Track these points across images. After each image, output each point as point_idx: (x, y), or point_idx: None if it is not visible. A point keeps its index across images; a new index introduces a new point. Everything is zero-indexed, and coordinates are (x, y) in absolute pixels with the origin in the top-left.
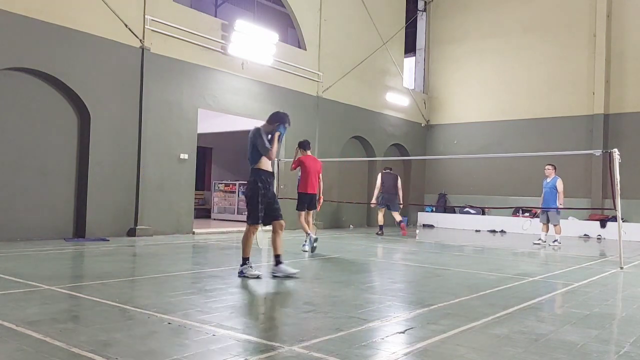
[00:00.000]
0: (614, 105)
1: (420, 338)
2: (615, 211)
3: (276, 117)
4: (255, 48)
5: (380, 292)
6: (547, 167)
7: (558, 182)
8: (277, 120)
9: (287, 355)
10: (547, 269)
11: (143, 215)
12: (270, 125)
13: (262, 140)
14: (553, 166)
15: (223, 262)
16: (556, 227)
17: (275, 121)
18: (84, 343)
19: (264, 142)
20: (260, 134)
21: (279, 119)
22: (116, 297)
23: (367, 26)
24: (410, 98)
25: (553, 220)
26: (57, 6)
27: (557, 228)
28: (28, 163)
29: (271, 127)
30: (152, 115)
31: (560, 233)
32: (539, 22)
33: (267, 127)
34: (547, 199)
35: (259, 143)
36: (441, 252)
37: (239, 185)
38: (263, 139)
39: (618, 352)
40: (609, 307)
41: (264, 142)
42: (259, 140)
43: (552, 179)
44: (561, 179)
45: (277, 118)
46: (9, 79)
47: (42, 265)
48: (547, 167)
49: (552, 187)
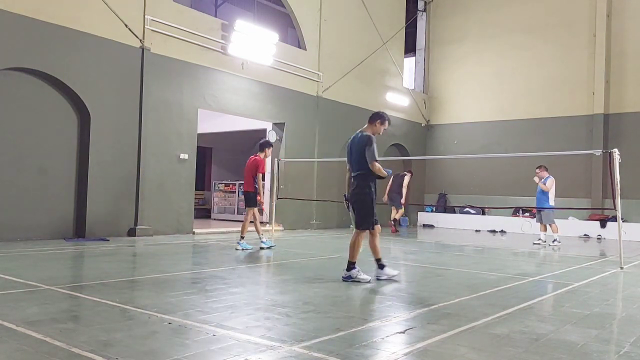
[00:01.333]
0: (614, 105)
1: (420, 338)
2: (615, 211)
3: (377, 116)
4: (255, 48)
5: (380, 292)
6: (536, 170)
7: (549, 180)
8: (378, 119)
9: (287, 355)
10: (547, 269)
11: (143, 215)
12: (373, 126)
13: (374, 149)
14: (543, 167)
15: (223, 262)
16: (552, 226)
17: (377, 119)
18: (84, 343)
19: (374, 151)
20: (372, 142)
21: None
22: (116, 297)
23: (367, 26)
24: (410, 98)
25: (546, 220)
26: (57, 6)
27: (554, 227)
28: (28, 163)
29: (374, 127)
30: (152, 115)
31: (557, 232)
32: (539, 22)
33: (371, 128)
34: (538, 199)
35: (370, 151)
36: (441, 252)
37: (239, 185)
38: (374, 147)
39: (618, 352)
40: (609, 307)
41: (374, 151)
42: (370, 149)
43: (545, 179)
44: (552, 178)
45: (378, 117)
46: (9, 79)
47: (42, 265)
48: (536, 170)
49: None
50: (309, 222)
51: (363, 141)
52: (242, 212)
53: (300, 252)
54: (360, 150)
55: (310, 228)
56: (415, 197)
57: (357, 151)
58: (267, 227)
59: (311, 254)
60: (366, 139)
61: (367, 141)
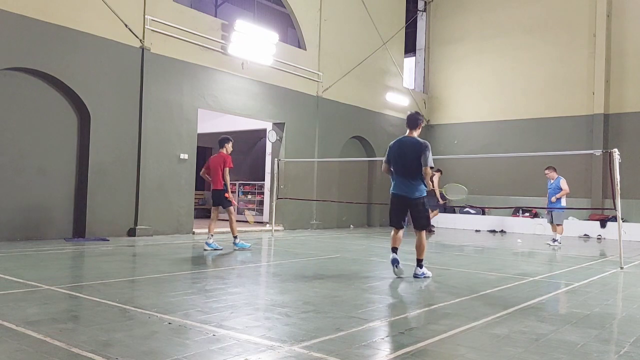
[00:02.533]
0: (614, 105)
1: (420, 338)
2: (615, 211)
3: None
4: (255, 48)
5: (380, 292)
6: (546, 171)
7: (562, 181)
8: (420, 121)
9: (287, 355)
10: (547, 268)
11: (143, 215)
12: (418, 130)
13: (430, 155)
14: (552, 168)
15: (223, 262)
16: (559, 227)
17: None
18: (84, 343)
19: (430, 158)
20: (430, 149)
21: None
22: (116, 297)
23: (367, 26)
24: (410, 98)
25: (557, 219)
26: (57, 6)
27: (560, 228)
28: (28, 163)
29: (418, 131)
30: (152, 115)
31: (561, 233)
32: (539, 22)
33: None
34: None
35: (429, 157)
36: (441, 252)
37: (239, 185)
38: (430, 154)
39: (618, 352)
40: (609, 307)
41: (430, 158)
42: (429, 154)
43: (556, 180)
44: (564, 178)
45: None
46: (9, 79)
47: (42, 265)
48: (546, 171)
49: (557, 188)
50: (309, 222)
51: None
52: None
53: (300, 252)
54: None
55: (310, 228)
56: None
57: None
58: (267, 227)
59: (311, 254)
60: (425, 145)
61: (426, 147)
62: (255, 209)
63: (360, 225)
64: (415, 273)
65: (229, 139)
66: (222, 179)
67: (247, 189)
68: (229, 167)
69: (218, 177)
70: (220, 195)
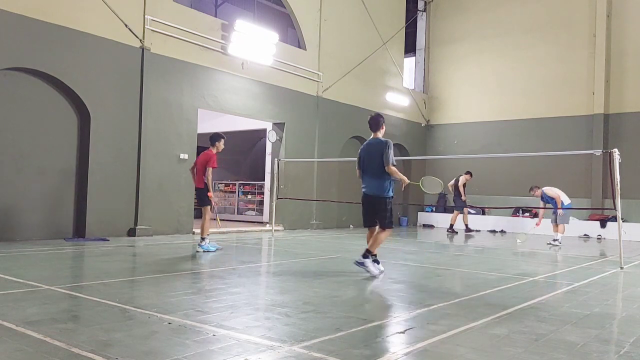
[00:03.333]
0: (614, 105)
1: (420, 338)
2: (615, 211)
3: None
4: (255, 48)
5: (380, 292)
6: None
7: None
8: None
9: (287, 355)
10: (547, 269)
11: (143, 215)
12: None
13: (392, 153)
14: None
15: (223, 262)
16: (560, 226)
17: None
18: (84, 343)
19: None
20: (391, 147)
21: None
22: (116, 297)
23: (367, 26)
24: (410, 98)
25: (560, 219)
26: (57, 6)
27: (562, 227)
28: (28, 163)
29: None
30: (152, 115)
31: (563, 233)
32: (539, 22)
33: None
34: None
35: (389, 155)
36: (441, 252)
37: (239, 185)
38: (391, 152)
39: (618, 352)
40: (609, 307)
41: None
42: (391, 153)
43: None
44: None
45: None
46: (9, 79)
47: (42, 265)
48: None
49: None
50: (309, 222)
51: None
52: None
53: (300, 252)
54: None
55: (310, 228)
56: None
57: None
58: (267, 227)
59: (311, 254)
60: (386, 143)
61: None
62: (255, 209)
63: (360, 225)
64: (357, 260)
65: (221, 137)
66: (203, 177)
67: (247, 189)
68: (212, 167)
69: (200, 175)
70: (202, 195)
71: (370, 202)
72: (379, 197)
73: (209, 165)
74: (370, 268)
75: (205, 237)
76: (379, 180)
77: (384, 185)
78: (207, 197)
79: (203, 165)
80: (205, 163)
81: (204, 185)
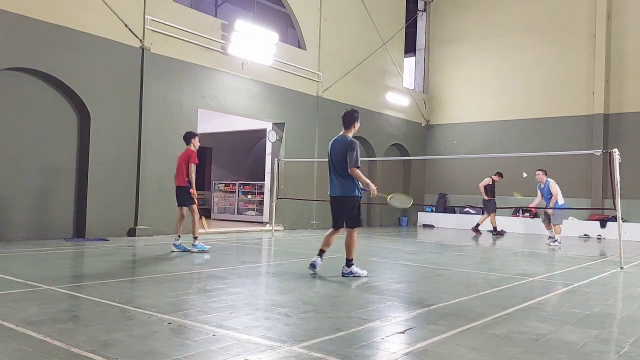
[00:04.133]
0: (614, 105)
1: (420, 338)
2: (615, 211)
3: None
4: (255, 48)
5: (380, 292)
6: (538, 172)
7: (551, 185)
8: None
9: (287, 355)
10: (547, 269)
11: (143, 215)
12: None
13: (358, 154)
14: (543, 171)
15: (223, 262)
16: (556, 226)
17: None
18: (84, 343)
19: (359, 157)
20: (357, 148)
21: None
22: (116, 297)
23: (367, 26)
24: (410, 98)
25: (554, 220)
26: (57, 6)
27: (557, 228)
28: (28, 163)
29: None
30: (152, 115)
31: (559, 233)
32: (539, 22)
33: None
34: (547, 201)
35: (355, 157)
36: (441, 252)
37: (239, 185)
38: (358, 153)
39: (618, 352)
40: (609, 307)
41: (359, 157)
42: (355, 154)
43: (546, 184)
44: (553, 181)
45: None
46: (9, 79)
47: (42, 265)
48: (538, 172)
49: (549, 191)
50: (309, 222)
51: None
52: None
53: (300, 252)
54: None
55: (310, 228)
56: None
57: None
58: (267, 227)
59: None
60: (352, 143)
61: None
62: (255, 209)
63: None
64: (343, 272)
65: (194, 134)
66: (185, 175)
67: (247, 189)
68: (194, 163)
69: (182, 173)
70: (183, 193)
71: (337, 202)
72: (344, 197)
73: (190, 162)
74: (358, 272)
75: (197, 237)
76: (344, 180)
77: (349, 186)
78: (188, 195)
79: (183, 163)
80: (186, 160)
81: (186, 183)
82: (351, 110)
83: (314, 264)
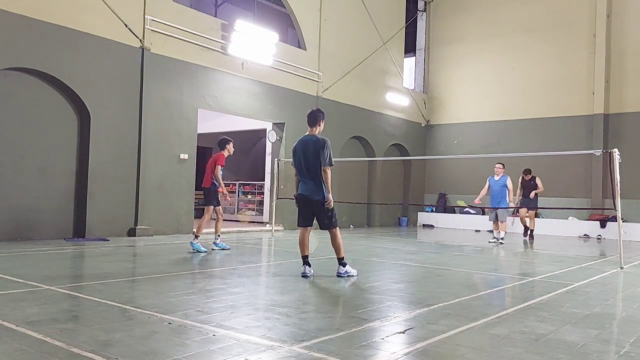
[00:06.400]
0: (614, 105)
1: (420, 338)
2: (615, 211)
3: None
4: (255, 48)
5: (380, 292)
6: (498, 165)
7: (508, 180)
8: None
9: (287, 355)
10: (547, 269)
11: (143, 215)
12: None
13: (331, 153)
14: (502, 165)
15: (223, 262)
16: (502, 224)
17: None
18: (84, 343)
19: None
20: (329, 147)
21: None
22: (116, 297)
23: (367, 26)
24: (410, 98)
25: (502, 217)
26: (57, 6)
27: (503, 225)
28: (28, 163)
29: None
30: (152, 115)
31: (505, 230)
32: (539, 22)
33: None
34: (496, 197)
35: (329, 155)
36: (441, 252)
37: (239, 185)
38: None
39: (618, 352)
40: (609, 307)
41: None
42: (329, 152)
43: (502, 177)
44: (510, 178)
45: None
46: (9, 79)
47: (42, 265)
48: (498, 165)
49: (503, 185)
50: None
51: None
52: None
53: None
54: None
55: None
56: (415, 197)
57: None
58: (267, 227)
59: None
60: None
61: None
62: (255, 209)
63: (360, 225)
64: (339, 272)
65: (229, 140)
66: (210, 177)
67: (247, 189)
68: (220, 165)
69: (208, 175)
70: (206, 193)
71: (309, 204)
72: (318, 199)
73: (217, 164)
74: (350, 271)
75: (198, 236)
76: (317, 181)
77: (322, 187)
78: (211, 195)
79: (211, 166)
80: (214, 163)
81: (210, 184)
82: (317, 109)
83: (305, 274)
